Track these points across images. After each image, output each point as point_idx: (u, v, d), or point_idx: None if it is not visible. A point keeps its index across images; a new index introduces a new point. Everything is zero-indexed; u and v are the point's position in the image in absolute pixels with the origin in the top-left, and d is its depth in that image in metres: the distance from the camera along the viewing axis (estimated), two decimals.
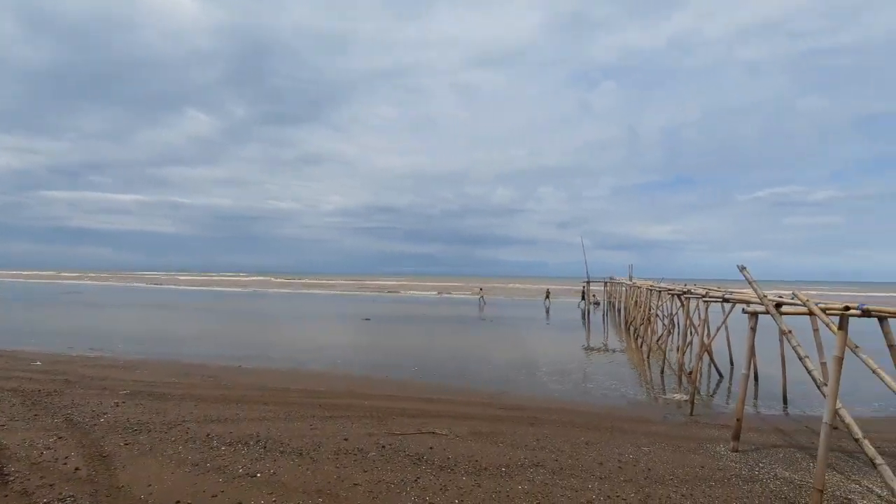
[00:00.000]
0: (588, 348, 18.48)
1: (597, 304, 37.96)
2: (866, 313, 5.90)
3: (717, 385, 12.22)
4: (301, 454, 6.19)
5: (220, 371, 12.19)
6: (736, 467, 6.32)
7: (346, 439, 6.85)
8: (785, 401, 10.36)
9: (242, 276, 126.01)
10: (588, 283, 36.20)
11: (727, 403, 10.41)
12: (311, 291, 63.74)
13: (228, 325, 25.05)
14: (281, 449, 6.37)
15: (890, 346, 6.46)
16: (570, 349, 18.11)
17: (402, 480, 5.44)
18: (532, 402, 10.05)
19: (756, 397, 10.81)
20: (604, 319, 30.65)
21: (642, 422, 8.71)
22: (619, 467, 6.20)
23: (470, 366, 14.17)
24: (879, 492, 5.57)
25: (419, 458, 6.17)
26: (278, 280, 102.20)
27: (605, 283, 38.82)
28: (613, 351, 17.84)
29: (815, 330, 8.48)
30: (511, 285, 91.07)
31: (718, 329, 11.69)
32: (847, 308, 5.93)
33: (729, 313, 11.04)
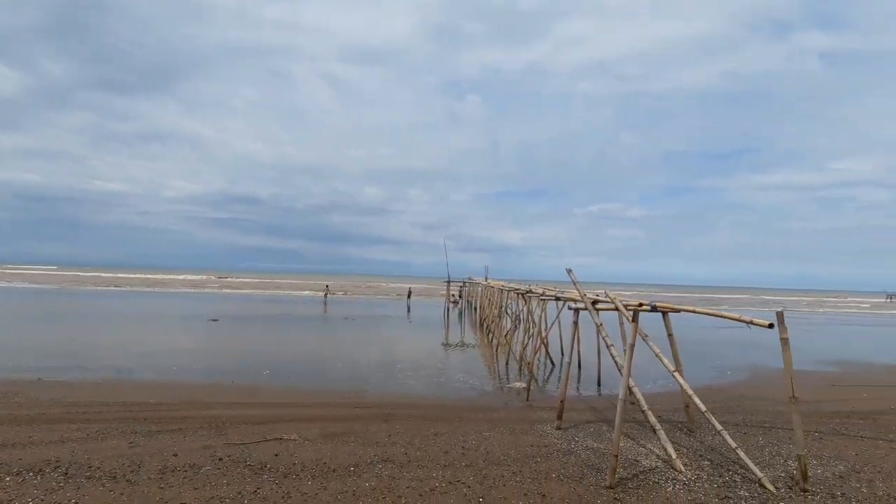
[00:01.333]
0: (446, 345, 19.42)
1: (456, 303, 40.18)
2: (654, 309, 7.34)
3: (550, 373, 13.89)
4: (115, 477, 5.38)
5: (9, 386, 9.91)
6: (558, 443, 7.28)
7: (175, 455, 6.15)
8: (599, 383, 12.26)
9: (53, 270, 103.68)
10: (449, 283, 38.04)
11: (557, 388, 11.91)
12: (147, 289, 55.26)
13: (26, 329, 20.39)
14: (88, 474, 5.46)
15: (669, 335, 8.11)
16: (428, 346, 18.82)
17: (240, 493, 5.09)
18: (388, 398, 10.23)
19: (579, 382, 12.58)
20: (461, 317, 32.51)
21: (487, 410, 9.49)
22: (463, 454, 6.67)
23: (328, 366, 13.82)
24: (658, 452, 6.93)
25: (262, 467, 5.84)
26: (102, 275, 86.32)
27: (464, 283, 41.20)
28: (468, 347, 19.03)
29: (621, 323, 10.19)
30: (375, 284, 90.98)
31: (552, 324, 13.31)
32: (640, 305, 7.30)
33: (561, 310, 12.63)
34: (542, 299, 12.02)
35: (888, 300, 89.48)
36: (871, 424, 8.74)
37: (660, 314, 7.69)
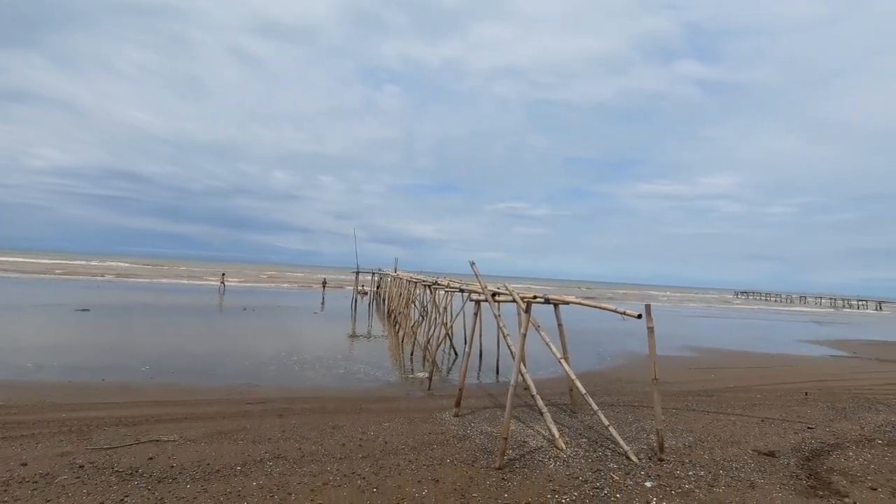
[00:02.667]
0: (353, 336, 19.11)
1: (364, 293, 39.72)
2: (547, 301, 7.88)
3: (454, 362, 14.32)
4: None
5: None
6: (455, 429, 7.55)
7: (24, 464, 5.37)
8: (498, 371, 12.91)
9: None
10: (358, 273, 37.46)
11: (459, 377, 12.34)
12: None
13: None
14: None
15: (559, 325, 8.77)
16: (335, 338, 18.38)
17: (103, 503, 4.59)
18: (285, 392, 9.83)
19: (479, 370, 13.13)
20: (370, 308, 32.17)
21: (388, 400, 9.54)
22: (360, 445, 6.64)
23: (219, 360, 12.89)
24: (544, 433, 7.49)
25: (132, 473, 5.31)
26: None
27: (374, 274, 40.76)
28: (375, 337, 18.92)
29: (519, 314, 10.81)
30: (281, 272, 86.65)
31: (457, 315, 13.71)
32: (534, 297, 7.80)
33: (465, 302, 13.07)
34: (447, 291, 12.32)
35: (736, 296, 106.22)
36: (715, 401, 10.26)
37: (553, 306, 8.29)
